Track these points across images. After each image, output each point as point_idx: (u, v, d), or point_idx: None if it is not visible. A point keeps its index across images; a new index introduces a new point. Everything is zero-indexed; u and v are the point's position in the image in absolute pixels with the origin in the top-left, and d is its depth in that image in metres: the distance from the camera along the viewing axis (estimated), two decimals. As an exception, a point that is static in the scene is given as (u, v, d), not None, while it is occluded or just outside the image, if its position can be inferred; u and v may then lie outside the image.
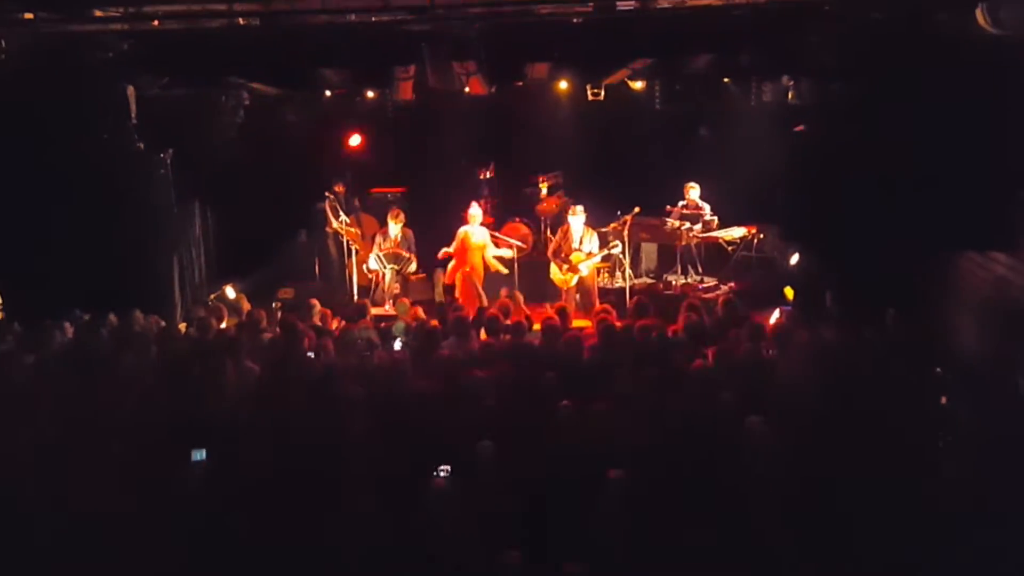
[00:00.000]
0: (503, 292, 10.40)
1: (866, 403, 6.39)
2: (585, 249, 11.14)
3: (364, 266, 12.02)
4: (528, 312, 9.71)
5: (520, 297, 9.93)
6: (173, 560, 5.09)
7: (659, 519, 5.12)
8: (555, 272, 11.34)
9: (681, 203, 12.40)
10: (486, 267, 11.35)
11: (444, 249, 11.27)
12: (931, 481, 5.54)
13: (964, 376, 6.96)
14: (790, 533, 5.01)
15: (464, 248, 11.19)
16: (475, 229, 11.24)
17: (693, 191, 12.35)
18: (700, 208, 12.31)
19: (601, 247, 11.26)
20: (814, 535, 4.96)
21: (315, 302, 9.75)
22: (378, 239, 11.84)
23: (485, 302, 10.74)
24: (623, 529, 5.08)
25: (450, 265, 11.35)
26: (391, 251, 11.59)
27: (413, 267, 11.73)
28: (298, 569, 5.10)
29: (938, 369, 7.01)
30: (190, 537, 5.22)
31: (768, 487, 5.39)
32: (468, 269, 11.16)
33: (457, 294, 11.22)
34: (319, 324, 9.28)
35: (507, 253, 11.51)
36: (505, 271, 11.46)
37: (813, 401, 6.50)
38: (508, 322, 8.99)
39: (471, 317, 9.29)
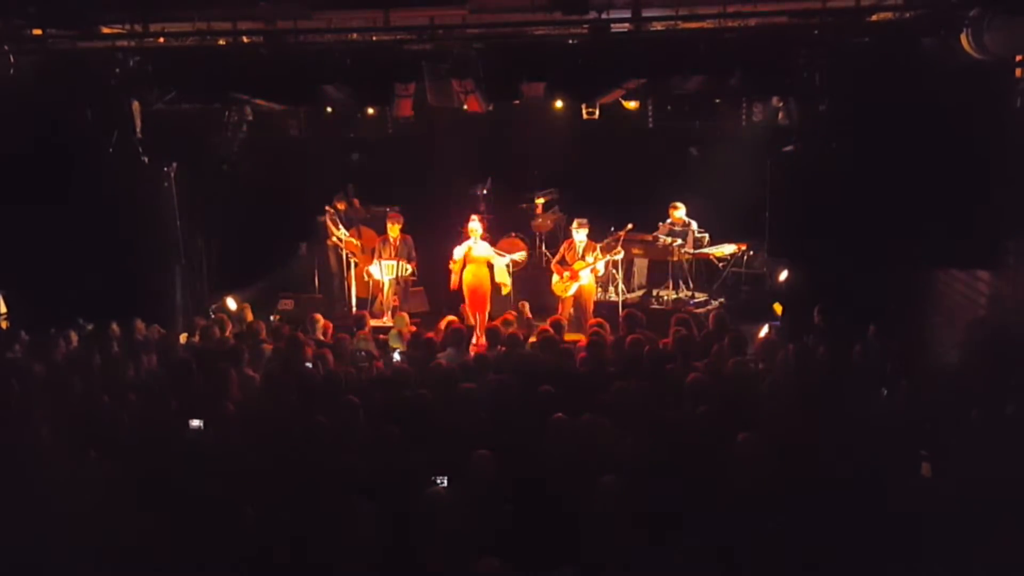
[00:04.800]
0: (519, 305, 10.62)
1: (848, 415, 6.58)
2: (588, 260, 11.36)
3: (365, 271, 12.15)
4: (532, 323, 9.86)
5: (527, 307, 10.03)
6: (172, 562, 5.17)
7: (650, 526, 5.18)
8: (556, 282, 11.52)
9: (667, 221, 12.55)
10: (492, 279, 11.55)
11: (452, 279, 11.49)
12: (911, 491, 5.66)
13: (946, 391, 7.13)
14: (778, 540, 5.04)
15: (466, 260, 11.38)
16: (476, 243, 11.43)
17: (678, 211, 12.45)
18: (687, 224, 12.49)
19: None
20: (800, 543, 5.01)
21: (319, 316, 9.90)
22: (378, 247, 12.01)
23: (485, 320, 10.92)
24: (614, 536, 5.13)
25: (454, 277, 11.56)
26: (390, 259, 11.76)
27: (409, 270, 11.86)
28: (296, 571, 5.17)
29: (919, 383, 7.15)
30: (189, 541, 5.26)
31: (755, 495, 5.47)
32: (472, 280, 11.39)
33: (465, 305, 11.42)
34: (321, 337, 9.44)
35: (517, 256, 11.82)
36: (506, 291, 11.67)
37: (798, 412, 6.67)
38: (505, 333, 9.17)
39: (478, 327, 9.44)
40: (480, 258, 11.36)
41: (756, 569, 4.95)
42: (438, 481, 5.68)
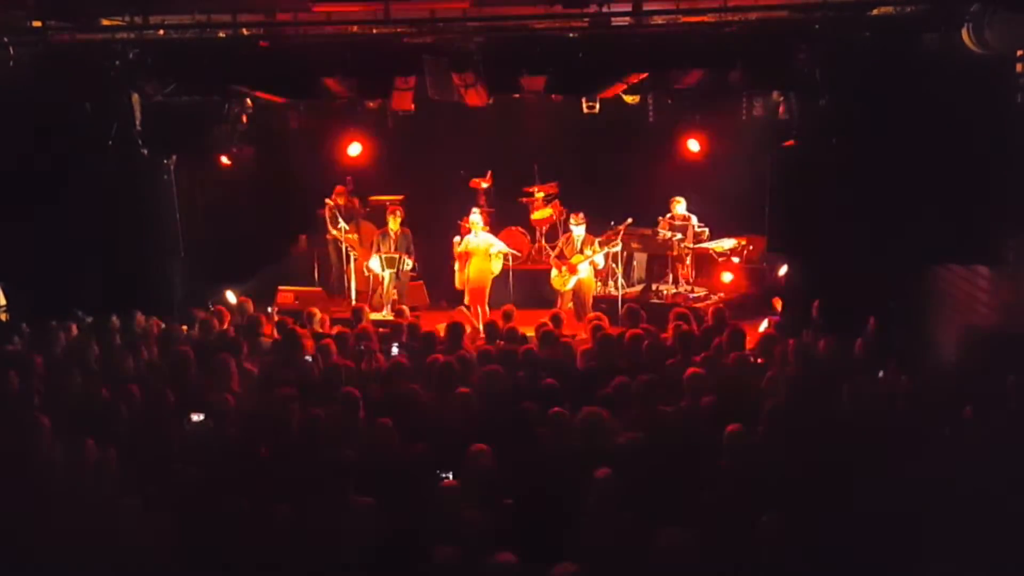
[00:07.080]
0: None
1: (847, 410, 6.59)
2: (586, 254, 11.36)
3: (364, 265, 12.15)
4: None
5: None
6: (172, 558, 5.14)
7: (649, 521, 5.13)
8: (554, 275, 11.53)
9: (668, 215, 12.55)
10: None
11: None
12: (910, 484, 5.67)
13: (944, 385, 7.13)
14: (775, 537, 5.04)
15: (468, 254, 11.38)
16: (476, 236, 11.42)
17: (679, 205, 12.48)
18: (687, 219, 12.50)
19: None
20: (799, 538, 5.01)
21: (315, 310, 9.90)
22: (377, 240, 12.01)
23: (487, 312, 10.94)
24: (614, 531, 5.12)
25: (456, 269, 11.54)
26: (389, 254, 11.77)
27: (409, 264, 11.86)
28: (295, 568, 5.15)
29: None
30: (189, 535, 5.23)
31: (752, 490, 5.49)
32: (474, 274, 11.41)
33: (465, 300, 11.41)
34: (319, 330, 9.44)
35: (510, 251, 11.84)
36: (495, 272, 11.67)
37: (796, 407, 6.67)
38: (504, 327, 9.16)
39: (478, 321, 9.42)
40: (481, 250, 11.36)
41: (754, 564, 4.95)
42: (443, 476, 5.67)
